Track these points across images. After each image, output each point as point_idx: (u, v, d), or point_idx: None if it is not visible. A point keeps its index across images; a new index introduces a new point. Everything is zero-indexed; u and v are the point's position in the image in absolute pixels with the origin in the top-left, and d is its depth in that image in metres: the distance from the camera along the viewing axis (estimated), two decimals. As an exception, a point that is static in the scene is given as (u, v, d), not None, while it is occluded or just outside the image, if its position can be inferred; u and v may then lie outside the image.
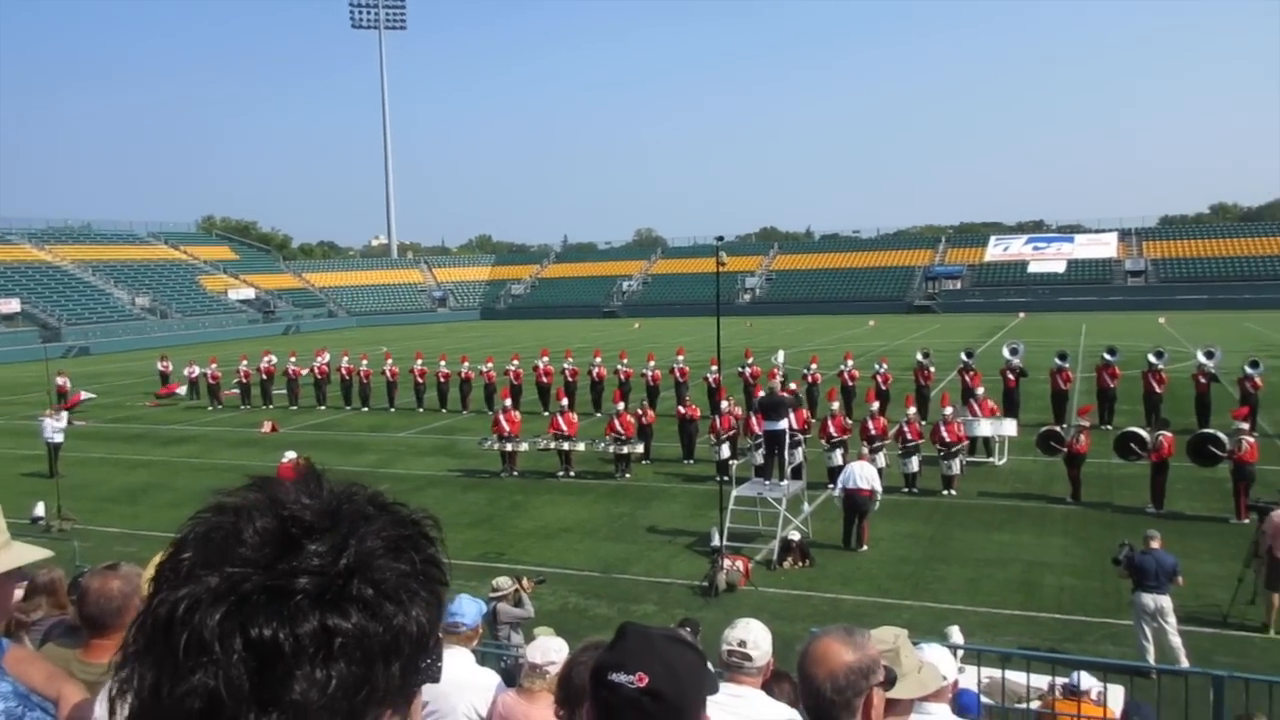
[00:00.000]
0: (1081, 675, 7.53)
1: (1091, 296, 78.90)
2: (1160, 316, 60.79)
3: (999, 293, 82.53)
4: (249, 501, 0.96)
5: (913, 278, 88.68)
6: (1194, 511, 16.53)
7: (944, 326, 61.84)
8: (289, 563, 0.91)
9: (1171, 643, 10.44)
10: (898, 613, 12.34)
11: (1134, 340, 37.77)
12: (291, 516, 0.94)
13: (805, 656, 2.39)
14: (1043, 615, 12.30)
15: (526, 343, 49.43)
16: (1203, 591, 12.49)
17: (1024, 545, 15.08)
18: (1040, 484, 18.83)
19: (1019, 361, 25.62)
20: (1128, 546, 11.01)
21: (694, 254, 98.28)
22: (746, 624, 3.86)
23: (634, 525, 17.03)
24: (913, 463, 18.43)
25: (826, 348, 42.20)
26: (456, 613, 5.05)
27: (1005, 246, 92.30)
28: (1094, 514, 16.67)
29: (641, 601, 13.27)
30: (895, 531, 15.85)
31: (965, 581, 13.56)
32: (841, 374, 27.25)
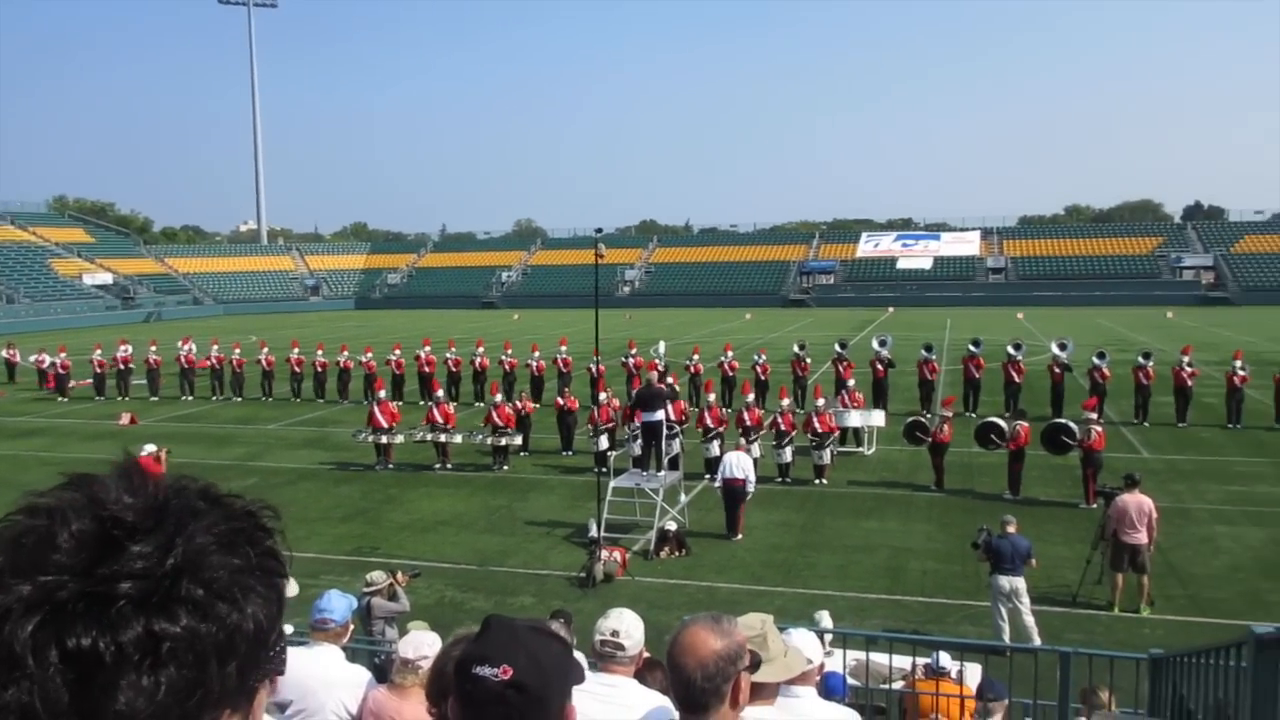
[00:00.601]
0: (941, 655, 7.85)
1: (956, 292, 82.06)
2: (1019, 312, 63.80)
3: (870, 288, 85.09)
4: (64, 502, 0.90)
5: (788, 272, 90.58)
6: (1047, 497, 17.41)
7: (818, 320, 63.40)
8: (109, 567, 0.86)
9: (1025, 622, 10.98)
10: (770, 599, 12.62)
11: (995, 334, 39.48)
12: (111, 517, 0.89)
13: (675, 646, 2.40)
14: (907, 599, 12.77)
15: (403, 333, 48.55)
16: (1054, 573, 13.17)
17: (890, 532, 15.62)
18: (906, 472, 19.52)
19: (887, 353, 26.74)
20: (986, 531, 11.51)
21: (574, 245, 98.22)
22: (619, 614, 3.87)
23: (511, 517, 16.93)
24: (786, 453, 18.86)
25: (705, 340, 42.72)
26: (325, 609, 4.92)
27: (876, 243, 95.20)
28: (956, 501, 17.38)
29: (519, 594, 13.22)
30: (768, 520, 16.19)
31: (835, 568, 13.96)
32: (722, 365, 27.77)
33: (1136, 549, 12.17)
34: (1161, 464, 19.72)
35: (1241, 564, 13.79)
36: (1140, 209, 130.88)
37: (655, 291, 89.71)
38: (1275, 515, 16.01)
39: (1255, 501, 16.89)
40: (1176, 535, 14.76)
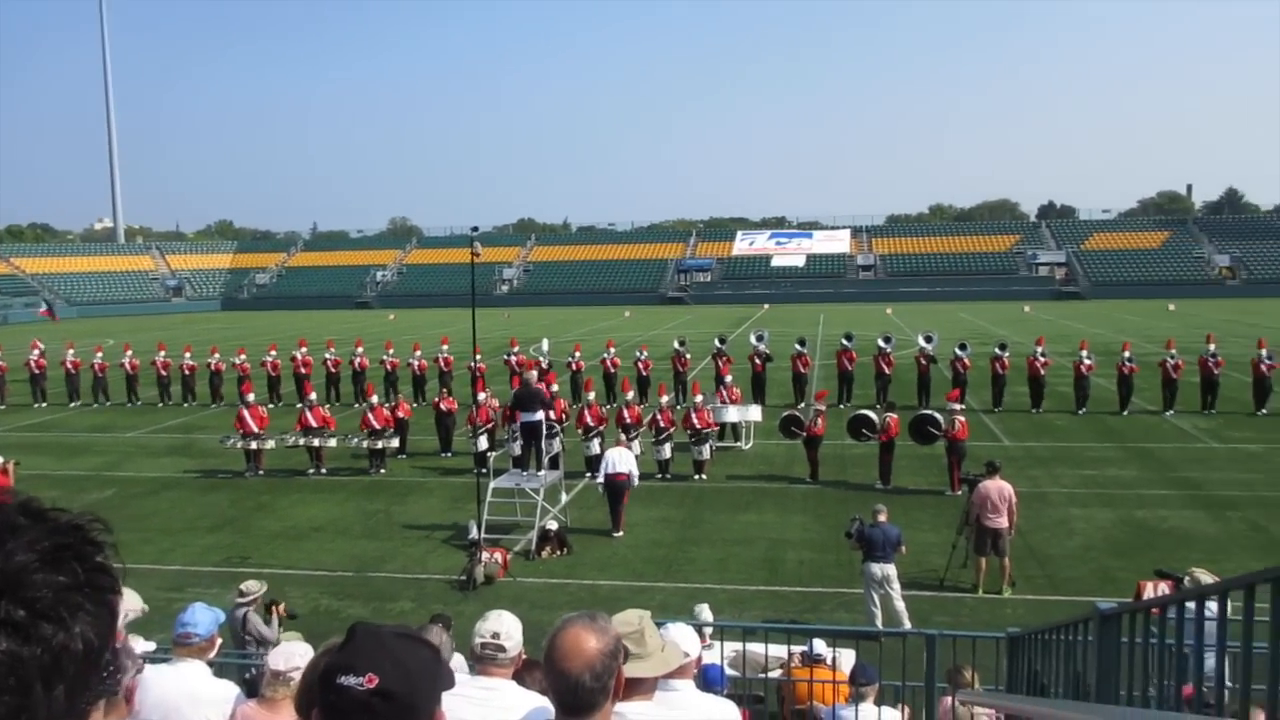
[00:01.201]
0: (816, 643, 8.06)
1: (828, 289, 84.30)
2: (888, 307, 65.99)
3: (746, 285, 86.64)
4: None
5: (666, 270, 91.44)
6: (916, 486, 18.05)
7: (696, 317, 64.21)
8: None
9: (896, 607, 11.36)
10: (652, 595, 12.73)
11: (865, 329, 40.71)
12: None
13: (556, 650, 2.38)
14: (785, 589, 13.05)
15: (274, 334, 46.98)
16: (923, 559, 13.67)
17: (768, 524, 15.94)
18: (783, 466, 19.96)
19: (765, 347, 27.74)
20: (858, 521, 11.87)
21: (450, 244, 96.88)
22: (498, 615, 3.85)
23: (389, 521, 16.60)
24: (665, 449, 19.03)
25: (586, 338, 42.76)
26: (189, 622, 4.72)
27: (751, 241, 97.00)
28: (830, 492, 17.86)
29: (397, 599, 12.98)
30: (649, 516, 16.31)
31: (715, 561, 14.17)
32: (604, 362, 27.93)
33: (998, 533, 12.73)
34: (1020, 451, 20.69)
35: (1094, 544, 14.58)
36: (999, 208, 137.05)
37: (534, 290, 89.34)
38: (1123, 497, 16.99)
39: (1105, 484, 17.88)
40: (1035, 518, 15.51)
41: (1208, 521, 15.50)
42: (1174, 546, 14.14)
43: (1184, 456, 19.99)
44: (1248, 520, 15.45)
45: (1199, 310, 60.73)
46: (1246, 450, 20.40)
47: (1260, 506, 16.16)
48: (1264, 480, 17.91)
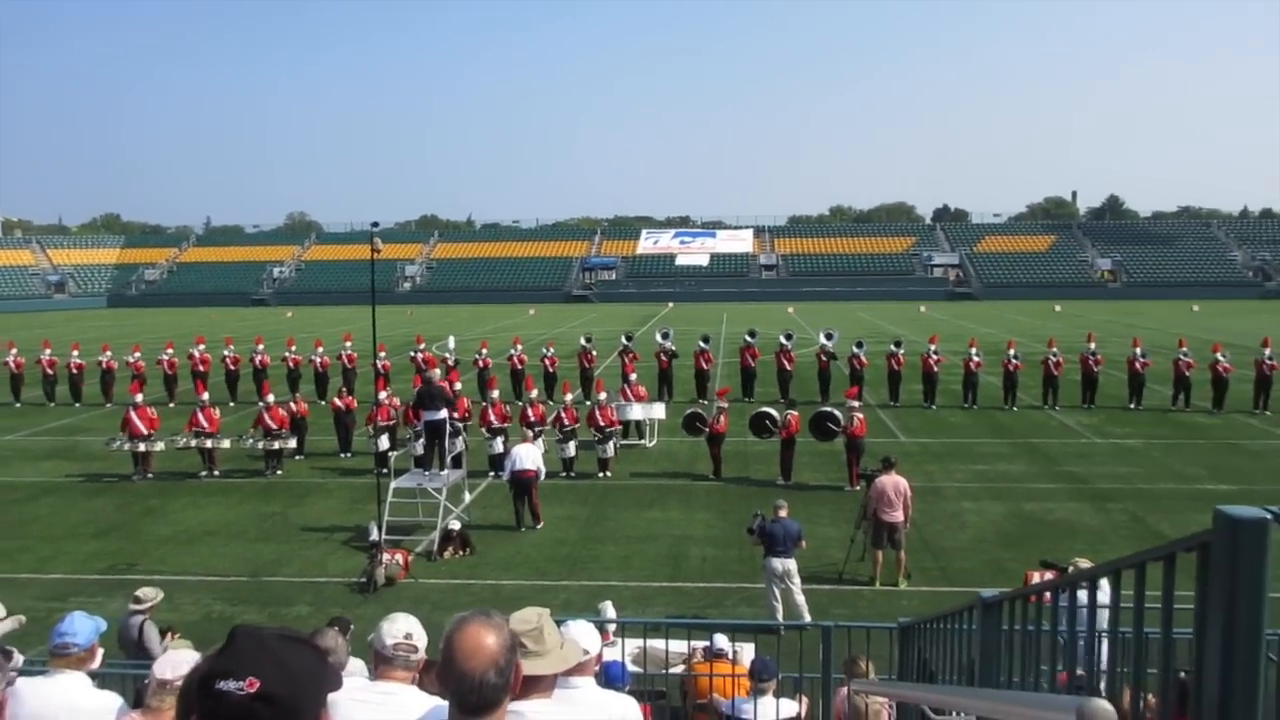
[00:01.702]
0: (718, 638, 8.15)
1: (731, 288, 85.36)
2: (790, 306, 67.07)
3: (650, 283, 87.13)
4: None
5: (571, 268, 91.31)
6: (816, 481, 18.40)
7: (601, 315, 64.26)
8: None
9: (796, 601, 11.56)
10: (556, 593, 12.70)
11: (768, 327, 41.31)
12: None
13: (456, 650, 2.34)
14: (688, 585, 13.16)
15: (168, 332, 45.36)
16: (823, 553, 13.94)
17: (672, 521, 16.05)
18: (686, 463, 20.12)
19: (670, 345, 28.35)
20: (760, 516, 12.04)
21: (351, 240, 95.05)
22: (405, 617, 3.80)
23: (286, 524, 16.19)
24: (570, 447, 19.00)
25: (491, 335, 42.39)
26: (66, 632, 4.52)
27: (655, 240, 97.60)
28: (733, 488, 18.07)
29: (294, 603, 12.66)
30: (553, 515, 16.26)
31: (619, 559, 14.21)
32: (511, 359, 27.91)
33: (894, 526, 13.07)
34: (916, 447, 21.27)
35: (985, 536, 15.08)
36: (896, 211, 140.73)
37: (437, 287, 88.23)
38: (1012, 490, 17.61)
39: (996, 479, 18.51)
40: (929, 512, 15.96)
41: (1090, 513, 16.17)
42: (1060, 537, 14.72)
43: (1068, 451, 20.82)
44: (1127, 512, 16.16)
45: (1083, 311, 63.34)
46: (1126, 445, 21.35)
47: (1139, 499, 16.92)
48: (1142, 474, 18.76)
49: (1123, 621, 2.28)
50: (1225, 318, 55.77)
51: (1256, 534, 1.58)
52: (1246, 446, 21.12)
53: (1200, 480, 18.19)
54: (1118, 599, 2.43)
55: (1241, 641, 1.58)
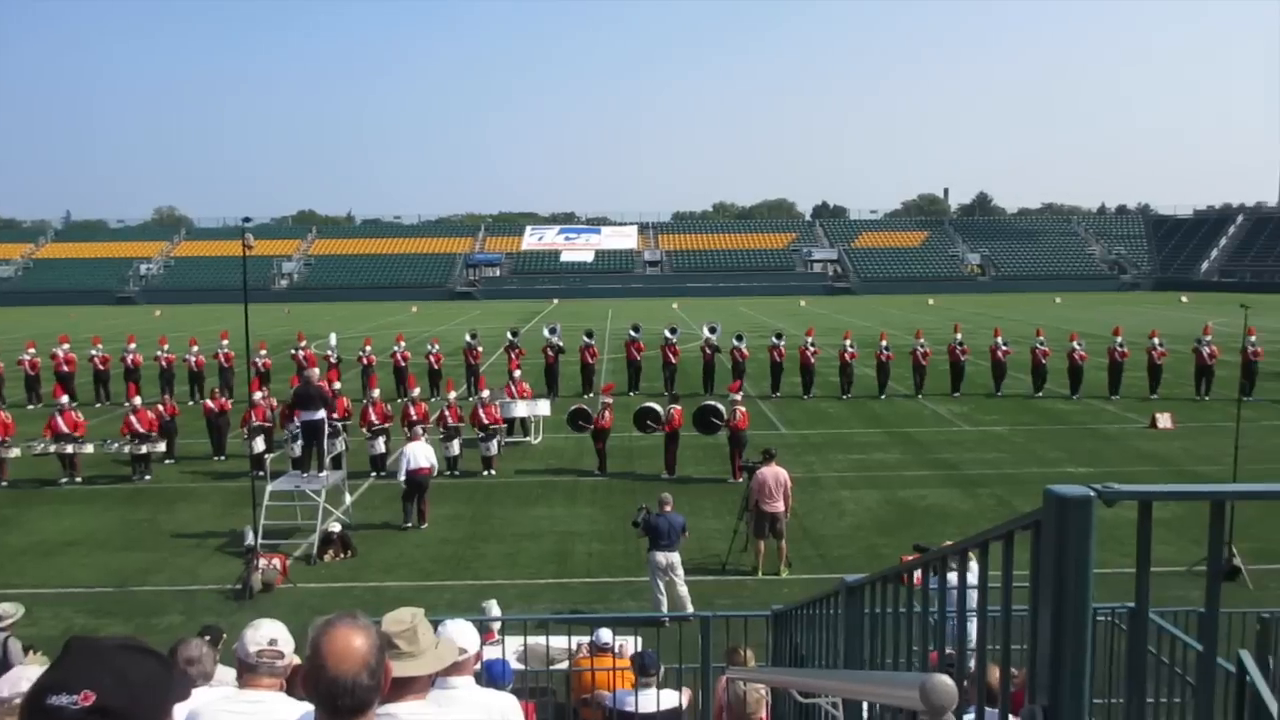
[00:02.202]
0: (602, 632, 8.19)
1: (616, 284, 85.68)
2: (674, 302, 67.69)
3: (535, 280, 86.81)
4: None
5: (454, 264, 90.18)
6: (700, 475, 18.65)
7: (486, 312, 63.67)
8: None
9: (680, 593, 11.70)
10: (440, 593, 12.55)
11: (653, 322, 41.63)
12: None
13: (325, 654, 2.29)
14: (574, 581, 13.17)
15: (26, 332, 42.93)
16: (707, 544, 14.16)
17: (557, 517, 16.04)
18: (572, 459, 20.13)
19: (558, 340, 28.48)
20: (645, 510, 12.14)
21: (223, 236, 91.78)
22: (270, 622, 3.70)
23: (156, 531, 15.54)
24: (454, 446, 18.77)
25: (374, 333, 41.51)
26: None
27: (540, 236, 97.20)
28: (618, 483, 18.16)
29: (165, 613, 12.18)
30: (437, 514, 16.05)
31: (504, 556, 14.12)
32: (395, 356, 27.54)
33: (775, 517, 13.35)
34: (797, 438, 21.76)
35: (862, 523, 15.54)
36: (777, 207, 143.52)
37: (316, 285, 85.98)
38: (888, 478, 18.19)
39: (872, 468, 19.09)
40: (809, 502, 16.36)
41: (961, 498, 16.83)
42: (932, 522, 15.27)
43: (940, 439, 21.62)
44: (995, 496, 16.88)
45: (955, 304, 65.79)
46: (994, 432, 22.29)
47: (1006, 483, 17.69)
48: (1009, 459, 19.62)
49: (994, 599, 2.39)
50: (1085, 309, 58.71)
51: (1082, 511, 1.68)
52: (1103, 430, 22.30)
53: (1062, 464, 19.11)
54: (985, 578, 2.55)
55: (1069, 614, 1.68)
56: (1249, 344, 22.75)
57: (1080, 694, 1.70)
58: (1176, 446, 20.47)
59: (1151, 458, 19.55)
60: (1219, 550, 1.82)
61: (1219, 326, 33.70)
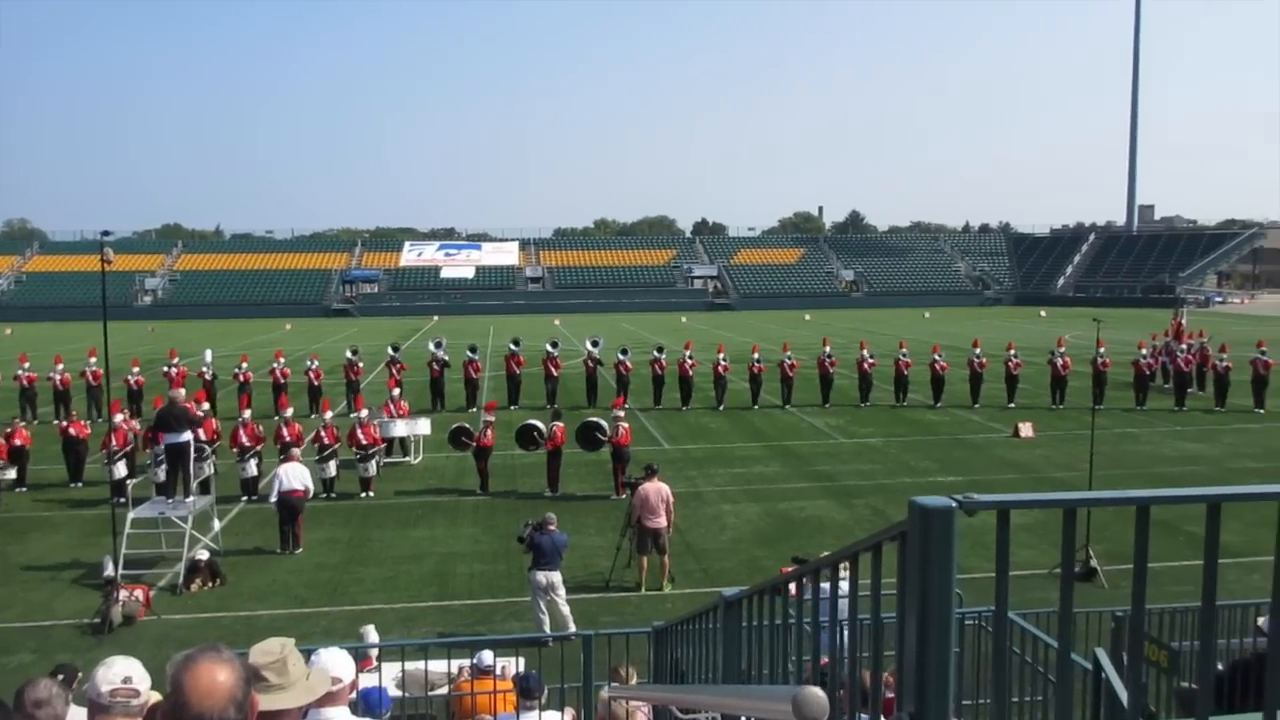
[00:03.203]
0: (484, 654, 8.07)
1: (497, 300, 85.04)
2: (555, 319, 67.57)
3: (414, 296, 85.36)
4: None
5: (330, 280, 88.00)
6: (583, 491, 18.62)
7: (363, 329, 62.30)
8: None
9: (562, 612, 11.64)
10: (316, 621, 12.18)
11: (535, 339, 41.47)
12: None
13: (188, 690, 2.20)
14: (455, 603, 12.96)
15: None
16: (590, 562, 14.13)
17: (438, 539, 15.77)
18: (453, 478, 19.84)
19: (444, 354, 28.53)
20: (530, 526, 12.06)
21: (81, 250, 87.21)
22: (124, 660, 3.51)
23: (5, 565, 14.62)
24: (330, 467, 18.27)
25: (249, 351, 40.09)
26: None
27: (419, 252, 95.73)
28: (500, 502, 17.98)
29: (15, 651, 11.46)
30: (313, 538, 15.59)
31: (383, 580, 13.79)
32: (274, 373, 26.87)
33: (658, 532, 13.42)
34: (679, 453, 21.96)
35: (743, 536, 15.76)
36: (658, 224, 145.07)
37: (182, 301, 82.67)
38: (768, 491, 18.51)
39: (753, 481, 19.40)
40: (691, 516, 16.51)
41: (838, 509, 17.25)
42: (811, 533, 15.62)
43: (818, 452, 22.13)
44: (871, 506, 17.36)
45: (830, 319, 67.57)
46: (868, 444, 22.94)
47: (881, 493, 18.22)
48: (883, 470, 20.22)
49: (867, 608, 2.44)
50: (952, 323, 61.07)
51: (944, 521, 1.75)
52: (970, 440, 23.22)
53: (932, 473, 19.80)
54: (855, 588, 2.61)
55: (934, 621, 1.73)
56: (1098, 355, 24.22)
57: (945, 699, 1.75)
58: (1038, 454, 21.46)
59: (1015, 465, 20.45)
60: (1071, 554, 1.91)
61: (1074, 339, 35.60)
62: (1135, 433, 23.81)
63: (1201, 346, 29.51)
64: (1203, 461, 20.63)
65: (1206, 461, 20.63)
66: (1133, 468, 19.89)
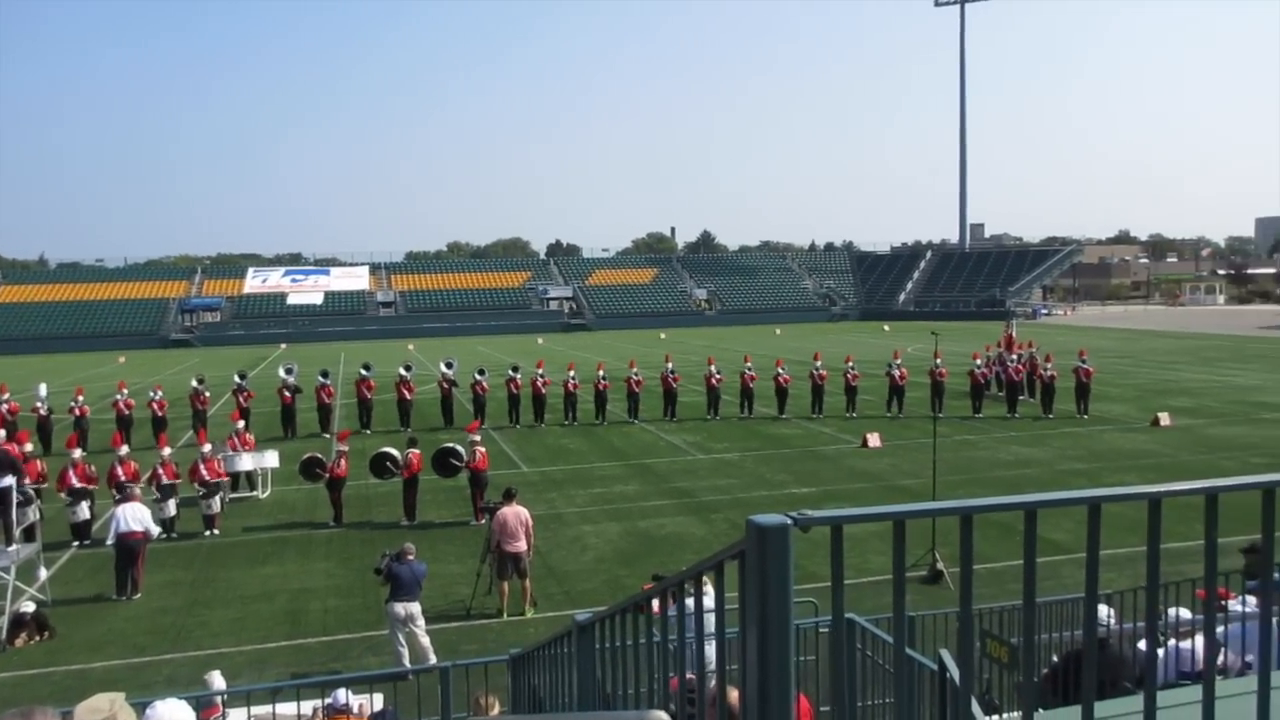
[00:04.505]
0: (340, 693, 7.81)
1: (349, 326, 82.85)
2: (410, 343, 66.29)
3: (260, 324, 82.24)
4: None
5: (168, 310, 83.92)
6: (441, 519, 18.28)
7: (205, 359, 59.60)
8: None
9: (422, 643, 11.39)
10: (157, 670, 11.53)
11: (388, 365, 40.59)
12: None
13: None
14: (310, 641, 12.49)
15: None
16: (450, 590, 13.88)
17: (290, 575, 15.19)
18: (305, 511, 19.17)
19: (294, 380, 28.23)
20: (387, 558, 11.77)
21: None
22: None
23: None
24: (170, 506, 17.38)
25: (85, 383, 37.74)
26: None
27: (264, 278, 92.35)
28: (355, 534, 17.47)
29: None
30: (154, 582, 14.77)
31: (230, 622, 13.18)
32: (117, 405, 25.84)
33: (518, 557, 13.30)
34: (538, 475, 21.84)
35: (605, 556, 15.78)
36: (511, 246, 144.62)
37: (3, 335, 77.20)
38: (628, 510, 18.61)
39: (613, 500, 19.47)
40: (552, 538, 16.45)
41: (697, 525, 17.49)
42: (672, 550, 15.76)
43: (676, 468, 22.40)
44: (729, 520, 17.66)
45: (685, 337, 68.65)
46: (725, 459, 23.37)
47: (738, 507, 18.56)
48: (739, 484, 20.62)
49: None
50: (802, 339, 62.91)
51: (780, 539, 1.81)
52: (821, 452, 23.95)
53: (787, 486, 20.32)
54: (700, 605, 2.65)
55: (773, 636, 1.78)
56: (936, 366, 25.60)
57: (787, 710, 1.80)
58: (885, 463, 22.30)
59: (865, 475, 21.19)
60: (902, 561, 2.00)
61: (915, 351, 37.26)
62: (974, 439, 25.04)
63: (1031, 356, 31.35)
64: (1035, 465, 21.87)
65: (1038, 465, 21.88)
66: (973, 473, 20.92)
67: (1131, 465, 21.40)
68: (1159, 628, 5.44)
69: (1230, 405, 29.92)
